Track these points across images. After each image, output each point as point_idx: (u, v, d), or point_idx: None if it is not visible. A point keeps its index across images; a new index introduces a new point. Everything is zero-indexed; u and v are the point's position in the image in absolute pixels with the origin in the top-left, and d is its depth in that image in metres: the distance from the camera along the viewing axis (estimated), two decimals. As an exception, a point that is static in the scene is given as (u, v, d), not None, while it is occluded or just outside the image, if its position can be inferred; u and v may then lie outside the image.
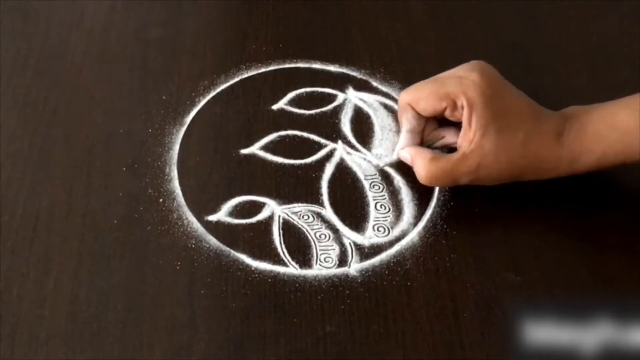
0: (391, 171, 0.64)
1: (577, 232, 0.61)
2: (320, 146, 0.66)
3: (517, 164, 0.59)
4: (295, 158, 0.65)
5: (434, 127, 0.64)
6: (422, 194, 0.63)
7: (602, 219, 0.62)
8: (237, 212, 0.61)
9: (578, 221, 0.62)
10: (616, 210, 0.63)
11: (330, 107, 0.69)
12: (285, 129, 0.67)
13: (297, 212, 0.62)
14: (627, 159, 0.59)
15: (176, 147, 0.66)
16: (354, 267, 0.58)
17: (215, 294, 0.57)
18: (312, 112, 0.69)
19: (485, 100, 0.58)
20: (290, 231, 0.60)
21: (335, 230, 0.61)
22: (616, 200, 0.63)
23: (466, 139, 0.59)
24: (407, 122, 0.63)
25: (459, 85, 0.59)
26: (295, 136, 0.67)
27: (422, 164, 0.60)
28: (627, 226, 0.62)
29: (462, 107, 0.59)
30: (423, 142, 0.64)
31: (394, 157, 0.64)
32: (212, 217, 0.61)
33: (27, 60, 0.73)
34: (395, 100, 0.69)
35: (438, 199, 0.63)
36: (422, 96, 0.61)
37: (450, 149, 0.63)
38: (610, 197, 0.63)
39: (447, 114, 0.60)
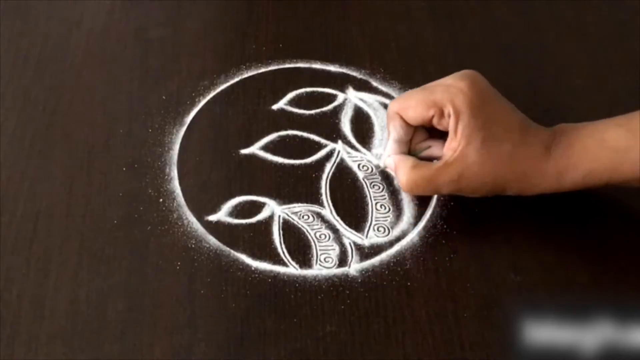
0: (391, 171, 0.64)
1: (577, 233, 0.61)
2: (320, 146, 0.66)
3: (502, 176, 0.58)
4: (295, 158, 0.65)
5: (423, 137, 0.63)
6: (422, 194, 0.63)
7: (602, 219, 0.62)
8: (237, 212, 0.61)
9: (578, 221, 0.62)
10: (616, 210, 0.63)
11: (330, 107, 0.69)
12: (285, 129, 0.67)
13: (297, 212, 0.62)
14: (613, 178, 0.58)
15: (176, 147, 0.66)
16: (354, 267, 0.58)
17: (215, 294, 0.57)
18: (312, 112, 0.69)
19: (472, 109, 0.57)
20: (290, 231, 0.60)
21: (335, 230, 0.61)
22: (616, 200, 0.63)
23: (450, 148, 0.58)
24: (395, 131, 0.62)
25: (447, 93, 0.58)
26: (295, 136, 0.67)
27: (404, 171, 0.60)
28: (628, 226, 0.62)
29: (449, 116, 0.58)
30: (410, 151, 0.63)
31: (380, 164, 0.64)
32: (212, 217, 0.61)
33: (27, 60, 0.73)
34: (395, 100, 0.69)
35: (438, 199, 0.63)
36: (410, 105, 0.60)
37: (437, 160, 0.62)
38: (610, 198, 0.63)
39: (435, 122, 0.60)
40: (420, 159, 0.61)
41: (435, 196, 0.63)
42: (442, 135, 0.61)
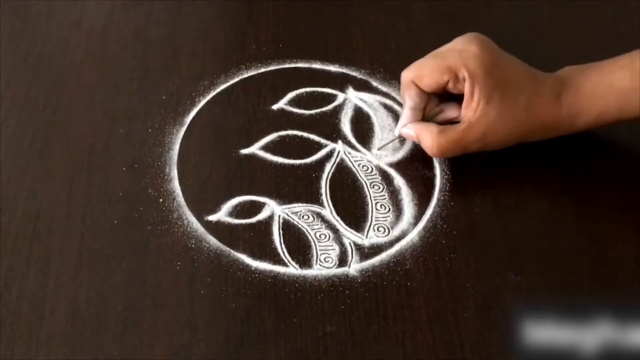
0: (391, 171, 0.64)
1: (577, 233, 0.61)
2: (320, 146, 0.66)
3: (522, 127, 0.61)
4: (295, 158, 0.65)
5: (435, 103, 0.65)
6: (422, 194, 0.63)
7: (602, 219, 0.62)
8: (237, 212, 0.61)
9: (578, 221, 0.62)
10: (616, 211, 0.63)
11: (330, 107, 0.69)
12: (285, 129, 0.67)
13: (297, 212, 0.62)
14: (624, 116, 0.61)
15: (176, 147, 0.66)
16: (354, 267, 0.58)
17: (215, 294, 0.57)
18: (312, 112, 0.69)
19: (486, 70, 0.60)
20: (290, 231, 0.60)
21: (335, 230, 0.61)
22: (616, 202, 0.63)
23: (470, 109, 0.61)
24: (410, 99, 0.64)
25: (460, 58, 0.61)
26: (295, 136, 0.67)
27: (431, 137, 0.62)
28: (628, 226, 0.62)
29: (464, 79, 0.61)
30: (424, 117, 0.64)
31: (395, 134, 0.65)
32: (212, 217, 0.61)
33: (27, 60, 0.73)
34: (395, 100, 0.69)
35: (438, 199, 0.63)
36: (424, 72, 0.63)
37: (450, 122, 0.63)
38: (610, 199, 0.63)
39: (450, 86, 0.62)
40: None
41: (435, 196, 0.63)
42: (451, 99, 0.64)
